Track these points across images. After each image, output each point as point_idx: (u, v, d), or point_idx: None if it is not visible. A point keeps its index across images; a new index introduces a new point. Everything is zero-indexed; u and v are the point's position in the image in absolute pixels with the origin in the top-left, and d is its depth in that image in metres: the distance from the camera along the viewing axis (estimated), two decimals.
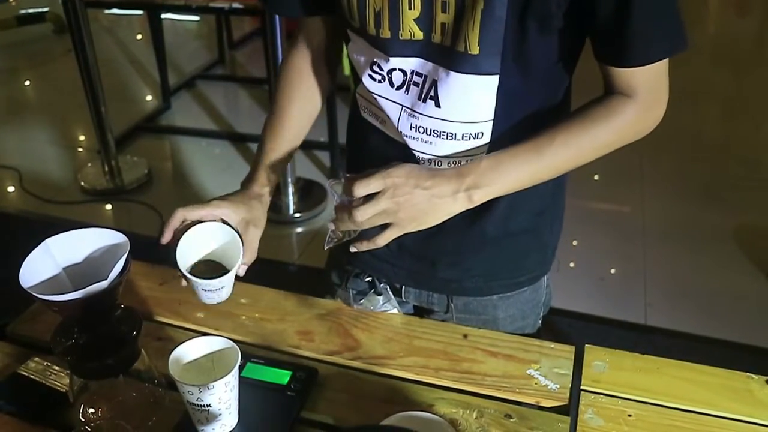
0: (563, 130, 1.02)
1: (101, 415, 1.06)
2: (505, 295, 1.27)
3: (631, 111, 1.02)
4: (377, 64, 1.07)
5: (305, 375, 1.12)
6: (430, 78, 1.03)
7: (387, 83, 1.07)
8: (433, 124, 1.05)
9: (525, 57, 0.99)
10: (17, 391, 1.12)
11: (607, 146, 1.04)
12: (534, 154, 1.02)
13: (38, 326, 1.24)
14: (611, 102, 1.02)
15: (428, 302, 1.31)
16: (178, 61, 4.89)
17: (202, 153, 3.95)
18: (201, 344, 1.02)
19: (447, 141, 1.06)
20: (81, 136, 4.16)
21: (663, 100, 1.04)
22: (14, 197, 3.60)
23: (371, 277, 1.32)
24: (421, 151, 1.09)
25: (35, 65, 5.16)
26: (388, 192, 0.98)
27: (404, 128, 1.09)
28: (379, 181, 0.98)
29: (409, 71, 1.04)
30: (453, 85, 1.01)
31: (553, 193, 1.22)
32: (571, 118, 1.04)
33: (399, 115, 1.09)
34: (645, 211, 3.35)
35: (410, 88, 1.06)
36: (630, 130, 1.04)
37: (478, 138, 1.06)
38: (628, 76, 0.99)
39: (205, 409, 0.98)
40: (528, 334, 1.30)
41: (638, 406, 1.10)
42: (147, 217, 3.34)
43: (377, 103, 1.11)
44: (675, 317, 2.67)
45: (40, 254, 1.00)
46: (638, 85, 1.00)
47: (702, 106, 4.17)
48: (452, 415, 1.07)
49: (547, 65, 1.03)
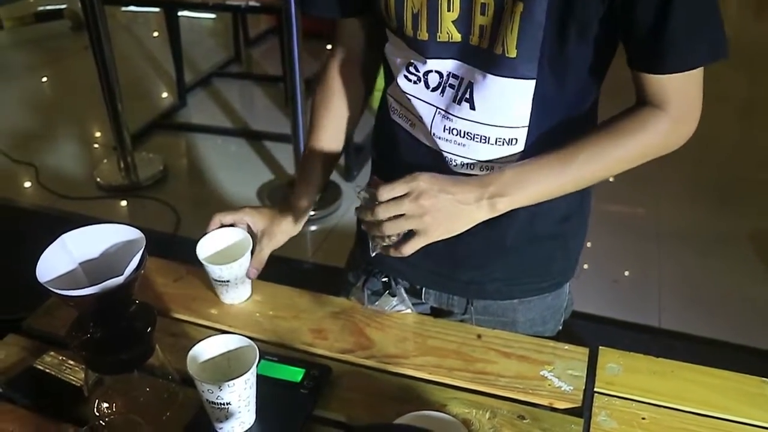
0: (591, 143, 1.01)
1: (115, 410, 1.07)
2: (526, 299, 1.27)
3: (662, 124, 1.00)
4: (414, 65, 1.06)
5: (318, 373, 1.12)
6: (466, 80, 1.02)
7: (422, 84, 1.07)
8: (467, 126, 1.05)
9: (562, 63, 0.98)
10: (33, 385, 1.13)
11: (634, 160, 1.03)
12: (560, 166, 1.01)
13: (54, 321, 1.25)
14: (642, 114, 1.01)
15: (448, 304, 1.31)
16: (194, 59, 4.90)
17: (218, 150, 3.96)
18: (219, 342, 1.03)
19: (480, 144, 1.06)
20: (97, 133, 4.18)
21: (695, 115, 1.02)
22: (31, 192, 3.62)
23: (387, 278, 1.32)
24: (454, 154, 1.09)
25: (52, 62, 5.19)
26: (413, 195, 0.97)
27: (437, 130, 1.08)
28: (404, 185, 0.98)
29: (445, 73, 1.04)
30: (489, 87, 1.00)
31: (581, 199, 1.21)
32: (600, 130, 1.02)
33: (433, 117, 1.08)
34: (659, 214, 3.33)
35: (446, 90, 1.05)
36: (660, 144, 1.02)
37: (512, 144, 1.05)
38: (662, 84, 0.97)
39: (224, 407, 0.98)
40: (546, 338, 1.29)
41: (652, 409, 1.09)
42: (162, 214, 3.35)
43: (410, 104, 1.10)
44: (689, 321, 2.66)
45: (56, 249, 1.00)
46: (671, 95, 0.98)
47: (719, 108, 4.14)
48: (465, 415, 1.07)
49: (582, 73, 1.02)
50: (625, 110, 1.03)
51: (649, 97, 1.00)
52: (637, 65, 0.98)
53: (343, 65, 1.24)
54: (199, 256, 1.23)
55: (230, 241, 1.28)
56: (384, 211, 0.98)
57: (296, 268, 2.92)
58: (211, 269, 1.23)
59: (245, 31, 5.21)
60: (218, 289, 1.28)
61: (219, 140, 4.07)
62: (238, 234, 1.27)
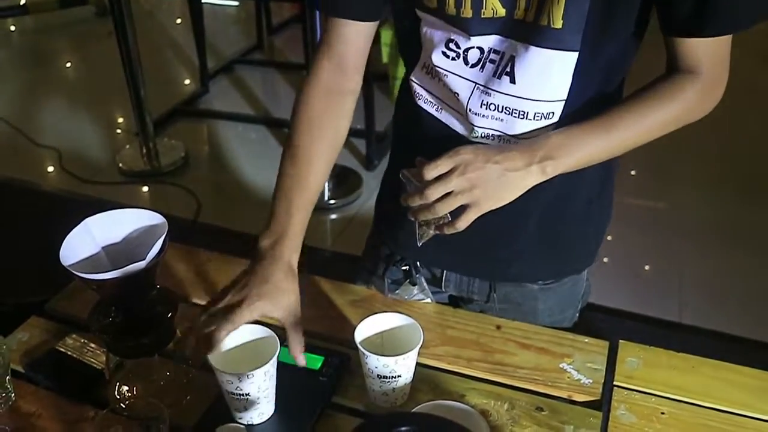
0: (633, 108, 1.03)
1: (136, 394, 1.08)
2: (546, 285, 1.26)
3: (696, 88, 1.02)
4: (454, 42, 1.04)
5: (338, 361, 1.12)
6: (507, 54, 1.01)
7: (461, 61, 1.05)
8: (506, 101, 1.04)
9: (604, 34, 0.98)
10: (54, 367, 1.14)
11: (672, 123, 1.05)
12: (604, 130, 1.02)
13: (76, 304, 1.26)
14: (677, 80, 1.02)
15: (468, 291, 1.30)
16: (216, 46, 4.91)
17: (239, 137, 3.97)
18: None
19: (518, 119, 1.05)
20: (120, 118, 4.21)
21: (724, 79, 1.04)
22: (54, 177, 3.65)
23: (408, 266, 1.31)
24: (490, 129, 1.07)
25: (77, 47, 5.22)
26: (459, 169, 0.96)
27: (474, 106, 1.07)
28: (448, 160, 0.96)
29: (486, 49, 1.03)
30: (531, 60, 0.99)
31: (603, 181, 1.21)
32: (638, 96, 1.04)
33: (471, 93, 1.06)
34: (682, 208, 3.30)
35: (486, 65, 1.04)
36: (695, 108, 1.04)
37: (549, 118, 1.05)
38: (696, 49, 0.99)
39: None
40: (565, 328, 1.29)
41: (672, 405, 1.08)
42: (183, 200, 3.36)
43: (443, 83, 1.08)
44: (710, 316, 2.64)
45: (80, 233, 1.01)
46: (704, 60, 1.00)
47: (747, 101, 4.09)
48: (483, 405, 1.07)
49: (620, 45, 1.02)
50: (659, 77, 1.04)
51: (682, 62, 1.01)
52: (677, 30, 0.98)
53: (333, 79, 1.15)
54: (211, 361, 0.98)
55: (249, 341, 1.05)
56: (433, 191, 0.96)
57: (316, 256, 2.93)
58: (225, 379, 0.98)
59: (268, 18, 5.21)
60: (233, 404, 1.01)
61: (240, 127, 4.08)
62: (258, 332, 1.04)
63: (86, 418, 1.05)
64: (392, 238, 1.33)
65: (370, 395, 1.07)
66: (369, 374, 1.04)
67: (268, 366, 0.97)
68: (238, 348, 1.03)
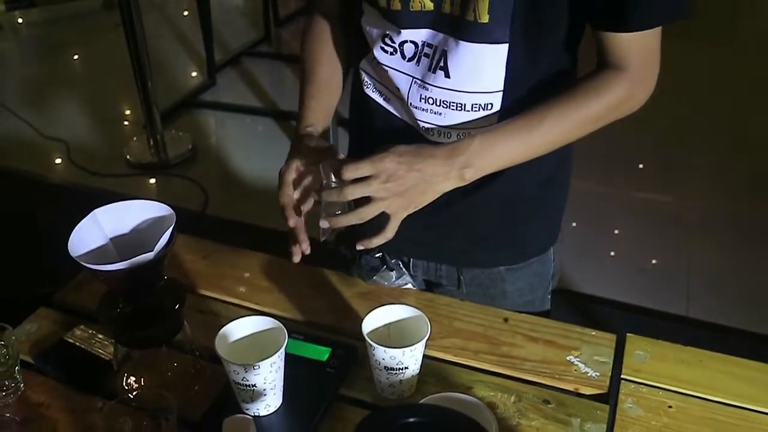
0: (555, 107, 1.03)
1: (143, 384, 1.08)
2: (512, 267, 1.28)
3: (623, 85, 1.02)
4: (389, 37, 1.07)
5: (345, 352, 1.12)
6: (440, 48, 1.04)
7: (399, 55, 1.08)
8: (443, 94, 1.06)
9: (534, 26, 0.99)
10: (63, 358, 1.14)
11: (597, 121, 1.05)
12: (526, 131, 1.03)
13: (85, 295, 1.27)
14: (603, 76, 1.03)
15: (436, 275, 1.31)
16: (224, 38, 4.91)
17: (246, 129, 3.98)
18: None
19: (456, 112, 1.07)
20: (127, 110, 4.21)
21: (654, 74, 1.04)
22: (62, 169, 3.66)
23: (381, 253, 1.32)
24: (431, 123, 1.10)
25: (84, 39, 5.22)
26: (381, 177, 0.97)
27: (414, 100, 1.10)
28: (370, 166, 0.97)
29: (420, 42, 1.05)
30: (463, 54, 1.01)
31: (558, 163, 1.21)
32: (563, 94, 1.04)
33: (409, 87, 1.09)
34: (689, 202, 3.29)
35: (421, 60, 1.06)
36: (622, 104, 1.04)
37: (488, 110, 1.07)
38: (623, 44, 0.99)
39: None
40: (541, 311, 1.30)
41: (679, 398, 1.08)
42: (190, 192, 3.37)
43: (386, 76, 1.11)
44: (717, 311, 2.63)
45: (88, 224, 1.01)
46: (632, 55, 1.00)
47: (752, 97, 4.07)
48: (490, 398, 1.07)
49: (554, 36, 1.03)
50: (587, 74, 1.05)
51: (609, 57, 1.02)
52: (601, 24, 1.00)
53: (325, 29, 1.23)
54: (218, 351, 0.99)
55: (257, 333, 1.05)
56: (351, 192, 0.98)
57: (323, 248, 2.92)
58: (232, 370, 0.98)
59: (275, 11, 5.20)
60: (240, 395, 1.02)
61: (247, 119, 4.08)
62: (266, 324, 1.04)
63: (94, 409, 1.05)
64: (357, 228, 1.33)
65: (377, 387, 1.08)
66: (376, 366, 1.04)
67: (274, 357, 0.97)
68: (246, 339, 1.03)
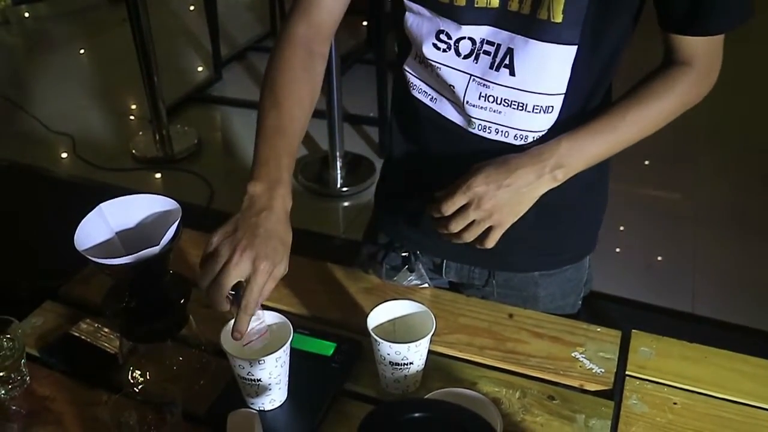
0: (634, 105, 1.07)
1: (149, 378, 1.09)
2: (547, 272, 1.27)
3: (691, 79, 1.06)
4: (445, 33, 1.05)
5: (349, 347, 1.12)
6: (504, 46, 1.02)
7: (453, 52, 1.06)
8: (506, 93, 1.05)
9: (601, 28, 1.00)
10: (68, 351, 1.15)
11: (670, 116, 1.09)
12: (610, 129, 1.06)
13: (90, 289, 1.27)
14: (671, 72, 1.06)
15: (469, 277, 1.31)
16: (230, 33, 4.90)
17: (252, 124, 3.90)
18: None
19: (517, 111, 1.06)
20: (133, 105, 4.21)
21: (718, 67, 1.08)
22: (68, 163, 3.66)
23: (408, 253, 1.31)
24: (488, 120, 1.09)
25: (90, 34, 5.22)
26: (474, 203, 1.03)
27: (471, 97, 1.08)
28: (462, 196, 1.03)
29: (478, 40, 1.04)
30: (531, 53, 1.01)
31: (599, 171, 1.20)
32: (637, 92, 1.07)
33: (467, 84, 1.08)
34: (696, 198, 3.29)
35: (479, 57, 1.05)
36: (691, 97, 1.08)
37: (548, 113, 1.06)
38: (692, 44, 1.03)
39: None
40: (569, 315, 1.29)
41: (684, 395, 1.08)
42: (196, 187, 3.37)
43: (437, 74, 1.09)
44: (723, 308, 2.62)
45: (94, 218, 1.01)
46: (700, 53, 1.04)
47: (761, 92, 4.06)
48: (495, 394, 1.07)
49: (615, 38, 1.04)
50: (656, 70, 1.08)
51: (677, 55, 1.05)
52: (675, 28, 1.03)
53: (309, 43, 1.12)
54: (224, 345, 0.99)
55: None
56: (455, 225, 1.04)
57: (328, 243, 2.93)
58: (237, 364, 0.98)
59: (281, 5, 5.18)
60: (245, 389, 1.02)
61: (253, 114, 3.97)
62: (271, 318, 1.03)
63: (100, 402, 1.05)
64: (392, 225, 1.34)
65: (382, 382, 1.08)
66: (381, 361, 1.04)
67: (279, 352, 0.97)
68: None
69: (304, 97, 1.11)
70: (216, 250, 0.92)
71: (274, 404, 1.03)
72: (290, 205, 1.00)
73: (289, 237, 0.97)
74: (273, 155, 1.04)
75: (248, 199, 0.98)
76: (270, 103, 1.10)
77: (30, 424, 1.04)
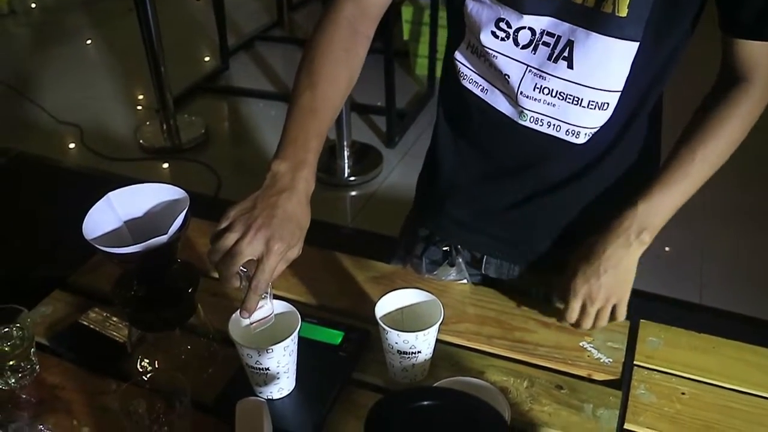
0: (700, 142, 1.05)
1: (157, 367, 1.09)
2: None
3: (754, 98, 1.02)
4: (505, 21, 1.02)
5: (357, 336, 1.12)
6: (564, 38, 0.99)
7: (511, 41, 1.03)
8: (562, 86, 1.02)
9: (664, 26, 0.96)
10: (77, 340, 1.15)
11: (739, 140, 1.06)
12: (682, 177, 1.06)
13: (99, 278, 1.27)
14: (732, 96, 1.03)
15: (508, 274, 1.29)
16: (237, 22, 4.90)
17: (259, 114, 3.97)
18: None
19: (572, 105, 1.04)
20: (140, 95, 4.22)
21: None
22: (75, 153, 3.67)
23: (449, 247, 1.30)
24: (541, 113, 1.06)
25: (97, 24, 5.22)
26: (588, 301, 1.09)
27: (526, 88, 1.05)
28: (577, 303, 1.10)
29: (538, 30, 1.01)
30: (592, 47, 0.98)
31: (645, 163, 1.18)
32: (702, 125, 1.05)
33: (522, 75, 1.05)
34: (704, 189, 3.25)
35: (538, 48, 1.02)
36: (754, 115, 1.05)
37: (603, 110, 1.03)
38: (757, 53, 0.98)
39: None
40: None
41: (692, 385, 1.08)
42: (203, 177, 3.37)
43: (492, 63, 1.06)
44: (731, 299, 2.62)
45: (102, 207, 1.01)
46: (761, 62, 0.99)
47: None
48: (503, 383, 1.07)
49: (675, 39, 1.00)
50: (714, 93, 1.05)
51: (737, 64, 1.00)
52: (740, 32, 0.97)
53: (355, 21, 1.10)
54: (232, 334, 0.99)
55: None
56: (585, 324, 1.12)
57: (336, 232, 2.93)
58: (246, 353, 0.98)
59: None
60: (253, 378, 1.03)
61: (260, 104, 4.08)
62: (280, 307, 1.02)
63: (108, 391, 1.06)
64: (432, 219, 1.32)
65: (389, 371, 1.08)
66: (389, 350, 1.04)
67: (288, 341, 0.97)
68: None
69: (342, 79, 1.08)
70: (231, 224, 0.92)
71: (282, 393, 1.03)
72: (312, 188, 0.99)
73: (307, 221, 0.97)
74: (302, 136, 1.02)
75: (271, 177, 0.98)
76: (306, 82, 1.07)
77: (39, 412, 1.04)
